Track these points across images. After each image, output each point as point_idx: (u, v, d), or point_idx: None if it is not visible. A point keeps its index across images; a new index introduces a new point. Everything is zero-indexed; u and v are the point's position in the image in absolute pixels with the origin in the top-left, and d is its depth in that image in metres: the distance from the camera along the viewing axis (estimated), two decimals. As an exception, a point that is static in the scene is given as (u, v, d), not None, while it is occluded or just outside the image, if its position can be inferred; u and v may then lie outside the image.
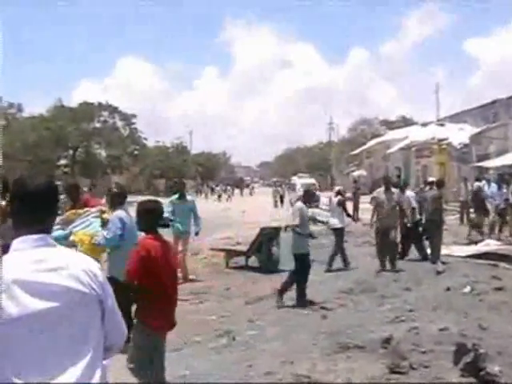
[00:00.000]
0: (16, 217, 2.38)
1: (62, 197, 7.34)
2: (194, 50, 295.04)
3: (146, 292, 4.96)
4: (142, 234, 5.49)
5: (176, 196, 12.59)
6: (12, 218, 2.41)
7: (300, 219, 9.83)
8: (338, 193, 14.17)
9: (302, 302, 9.69)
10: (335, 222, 13.36)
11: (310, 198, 10.60)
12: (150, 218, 5.28)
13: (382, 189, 12.86)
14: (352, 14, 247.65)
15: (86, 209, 8.14)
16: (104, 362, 2.38)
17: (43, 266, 2.20)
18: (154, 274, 4.94)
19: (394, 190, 13.11)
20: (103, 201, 8.95)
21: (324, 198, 29.21)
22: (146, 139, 67.22)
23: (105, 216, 7.95)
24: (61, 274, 2.23)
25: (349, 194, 23.72)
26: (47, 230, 2.38)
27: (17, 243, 2.28)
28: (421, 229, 14.60)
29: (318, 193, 42.70)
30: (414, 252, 14.01)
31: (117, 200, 8.00)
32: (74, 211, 7.90)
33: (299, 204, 10.16)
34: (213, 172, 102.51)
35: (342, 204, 13.72)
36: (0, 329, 2.08)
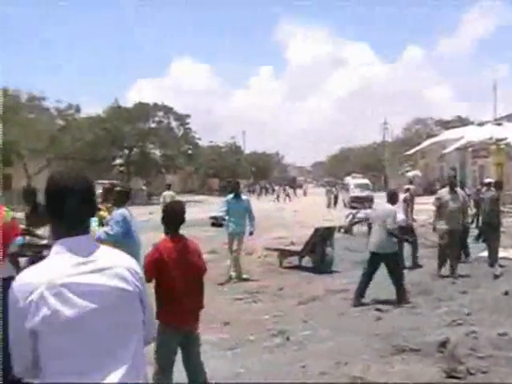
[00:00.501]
0: (55, 218, 2.35)
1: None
2: (248, 49, 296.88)
3: (161, 292, 5.05)
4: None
5: (231, 196, 12.67)
6: (51, 219, 2.37)
7: (395, 222, 9.86)
8: (407, 190, 14.20)
9: (357, 299, 9.74)
10: (400, 218, 13.10)
11: (395, 197, 10.48)
12: (172, 219, 5.35)
13: (447, 189, 12.52)
14: (407, 11, 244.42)
15: None
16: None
17: (90, 267, 2.24)
18: (167, 275, 5.03)
19: (458, 190, 12.78)
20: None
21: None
22: (199, 139, 67.91)
23: (101, 214, 7.98)
24: (107, 273, 2.27)
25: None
26: (87, 230, 2.38)
27: (59, 245, 2.28)
28: (477, 231, 14.37)
29: (371, 194, 42.55)
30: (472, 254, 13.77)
31: (121, 198, 8.13)
32: None
33: (389, 206, 10.10)
34: (266, 172, 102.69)
35: (406, 201, 13.69)
36: (57, 331, 2.14)
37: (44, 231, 6.80)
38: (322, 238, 13.57)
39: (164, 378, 5.15)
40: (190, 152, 65.12)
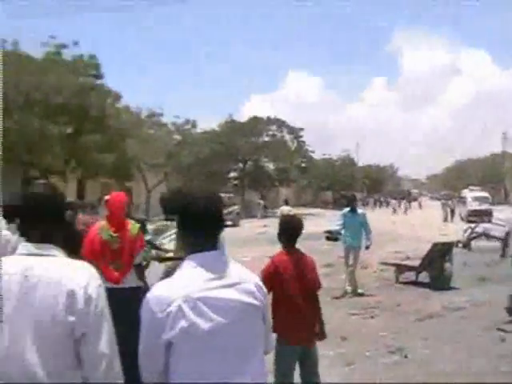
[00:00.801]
0: (186, 232, 2.44)
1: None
2: (361, 60, 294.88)
3: (278, 305, 5.03)
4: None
5: (347, 209, 12.67)
6: (181, 234, 2.48)
7: None
8: None
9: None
10: None
11: None
12: (288, 233, 5.36)
13: None
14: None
15: None
16: None
17: (221, 282, 2.32)
18: (283, 288, 5.06)
19: None
20: None
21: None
22: (313, 152, 68.06)
23: None
24: (237, 288, 2.35)
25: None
26: (217, 246, 2.44)
27: (191, 260, 2.37)
28: None
29: (490, 207, 41.02)
30: None
31: None
32: (165, 222, 8.01)
33: None
34: (379, 185, 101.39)
35: None
36: (192, 342, 2.24)
37: None
38: (441, 253, 13.24)
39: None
40: (303, 165, 65.44)
